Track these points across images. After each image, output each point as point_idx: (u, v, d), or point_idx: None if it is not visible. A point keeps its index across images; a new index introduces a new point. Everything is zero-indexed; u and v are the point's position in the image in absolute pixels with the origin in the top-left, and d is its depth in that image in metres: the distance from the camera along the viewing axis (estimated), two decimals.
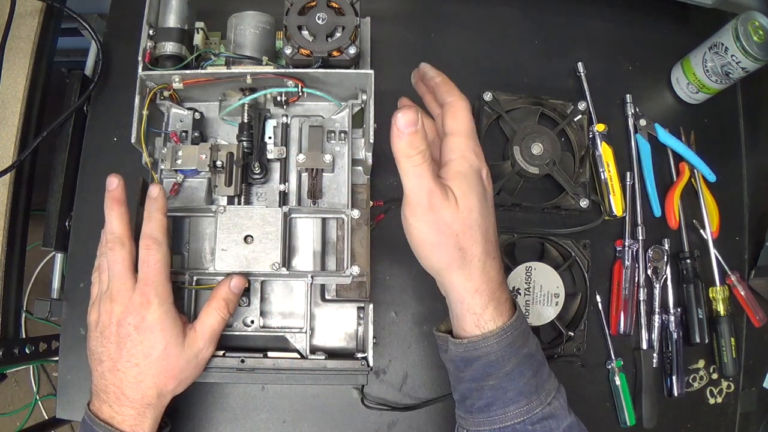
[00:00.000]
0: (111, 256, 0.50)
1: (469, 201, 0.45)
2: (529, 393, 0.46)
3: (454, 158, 0.46)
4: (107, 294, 0.50)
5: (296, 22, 0.53)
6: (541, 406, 0.46)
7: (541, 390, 0.47)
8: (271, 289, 0.59)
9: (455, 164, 0.46)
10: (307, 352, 0.56)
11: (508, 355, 0.45)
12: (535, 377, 0.47)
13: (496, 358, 0.46)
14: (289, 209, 0.55)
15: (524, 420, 0.46)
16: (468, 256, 0.45)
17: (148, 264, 0.49)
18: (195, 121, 0.58)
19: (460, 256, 0.45)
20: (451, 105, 0.48)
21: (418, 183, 0.44)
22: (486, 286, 0.46)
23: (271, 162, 0.59)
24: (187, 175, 0.58)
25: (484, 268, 0.46)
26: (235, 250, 0.53)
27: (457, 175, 0.45)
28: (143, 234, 0.50)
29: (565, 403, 0.48)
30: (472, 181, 0.46)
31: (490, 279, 0.46)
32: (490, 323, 0.46)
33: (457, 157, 0.46)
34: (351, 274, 0.55)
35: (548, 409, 0.46)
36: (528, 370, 0.46)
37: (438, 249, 0.46)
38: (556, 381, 0.49)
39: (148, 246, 0.49)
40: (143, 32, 0.56)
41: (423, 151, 0.43)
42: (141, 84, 0.55)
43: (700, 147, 0.74)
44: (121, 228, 0.50)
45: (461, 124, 0.47)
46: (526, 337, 0.47)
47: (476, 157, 0.47)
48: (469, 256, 0.46)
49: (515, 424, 0.46)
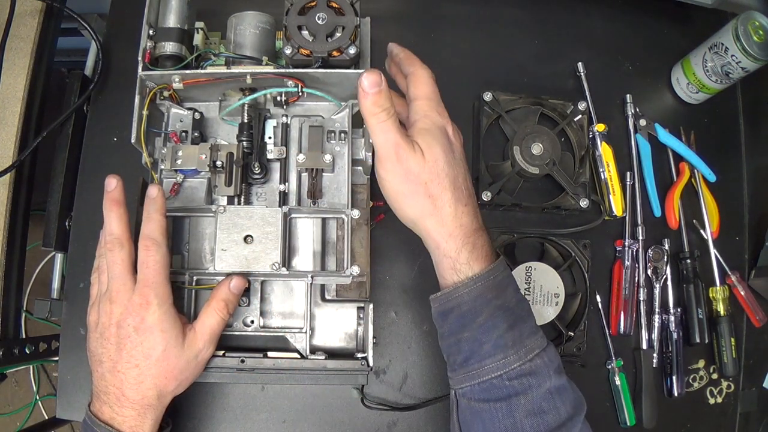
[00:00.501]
0: (110, 257, 0.50)
1: (434, 151, 0.48)
2: (505, 347, 0.46)
3: (418, 118, 0.50)
4: (107, 295, 0.50)
5: (296, 22, 0.53)
6: (519, 361, 0.46)
7: (519, 345, 0.46)
8: (271, 289, 0.59)
9: (419, 123, 0.50)
10: (307, 352, 0.56)
11: (479, 306, 0.47)
12: (511, 331, 0.46)
13: (468, 308, 0.47)
14: (289, 209, 0.55)
15: (501, 375, 0.46)
16: (438, 203, 0.48)
17: (147, 265, 0.49)
18: (195, 121, 0.58)
19: (430, 203, 0.48)
20: (413, 74, 0.52)
21: (385, 138, 0.47)
22: (459, 230, 0.48)
23: (271, 162, 0.59)
24: (187, 175, 0.58)
25: (456, 213, 0.48)
26: (235, 250, 0.53)
27: (422, 131, 0.49)
28: (142, 235, 0.50)
29: (554, 365, 0.48)
30: (436, 134, 0.49)
31: (463, 224, 0.48)
32: (466, 267, 0.48)
33: (421, 117, 0.50)
34: (351, 274, 0.55)
35: (528, 366, 0.46)
36: (502, 323, 0.46)
37: (409, 198, 0.48)
38: (543, 340, 0.48)
39: (147, 247, 0.49)
40: (143, 32, 0.56)
41: (387, 109, 0.47)
42: (141, 84, 0.55)
43: (700, 147, 0.74)
44: (120, 229, 0.50)
45: (423, 89, 0.51)
46: (502, 289, 0.48)
47: (439, 115, 0.50)
48: (439, 203, 0.48)
49: (492, 378, 0.46)
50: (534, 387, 0.46)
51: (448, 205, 0.48)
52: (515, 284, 0.50)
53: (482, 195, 0.66)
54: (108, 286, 0.50)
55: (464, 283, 0.47)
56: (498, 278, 0.48)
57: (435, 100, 0.51)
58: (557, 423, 0.46)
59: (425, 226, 0.49)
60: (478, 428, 0.47)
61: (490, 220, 0.69)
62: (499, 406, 0.46)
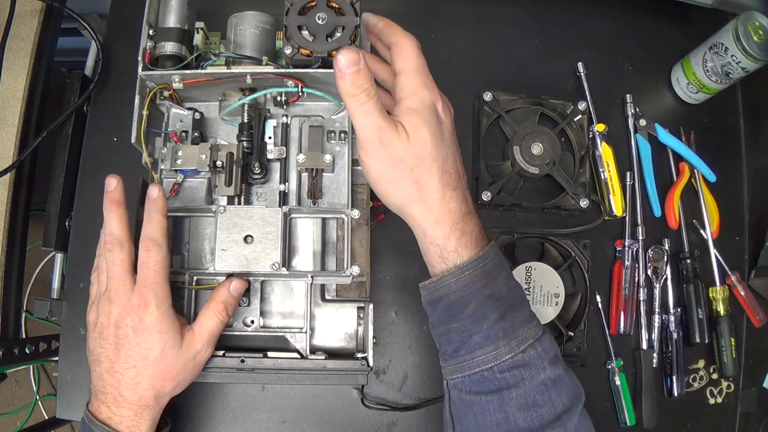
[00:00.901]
0: (110, 258, 0.50)
1: (421, 134, 0.45)
2: (496, 338, 0.44)
3: (405, 96, 0.47)
4: (105, 295, 0.50)
5: (296, 22, 0.53)
6: (511, 353, 0.44)
7: (511, 336, 0.45)
8: (271, 289, 0.59)
9: (406, 101, 0.46)
10: (307, 352, 0.56)
11: (468, 296, 0.45)
12: (503, 321, 0.45)
13: (456, 298, 0.45)
14: (289, 209, 0.55)
15: (492, 367, 0.44)
16: (425, 188, 0.46)
17: (147, 266, 0.49)
18: (195, 121, 0.58)
19: (416, 189, 0.46)
20: (396, 45, 0.48)
21: (366, 121, 0.44)
22: (447, 216, 0.46)
23: (271, 162, 0.59)
24: (187, 175, 0.58)
25: (443, 199, 0.46)
26: (235, 250, 0.53)
27: (408, 111, 0.46)
28: (143, 235, 0.50)
29: (549, 355, 0.46)
30: (424, 114, 0.46)
31: (451, 210, 0.46)
32: (454, 255, 0.46)
33: (408, 95, 0.47)
34: (351, 274, 0.55)
35: (521, 357, 0.44)
36: (492, 313, 0.45)
37: (394, 184, 0.46)
38: (538, 329, 0.46)
39: (147, 248, 0.49)
40: (143, 32, 0.55)
41: (367, 89, 0.43)
42: (141, 84, 0.54)
43: (700, 147, 0.74)
44: (120, 229, 0.50)
45: (408, 61, 0.47)
46: (492, 277, 0.46)
47: (427, 91, 0.47)
48: (426, 189, 0.46)
49: (483, 370, 0.45)
50: (527, 379, 0.44)
51: (435, 191, 0.46)
52: (507, 270, 0.48)
53: (482, 195, 0.66)
54: (107, 285, 0.50)
55: (452, 272, 0.45)
56: (488, 266, 0.46)
57: (422, 72, 0.47)
58: (553, 416, 0.44)
59: (411, 212, 0.46)
60: (470, 420, 0.46)
61: (490, 220, 0.69)
62: (490, 399, 0.44)
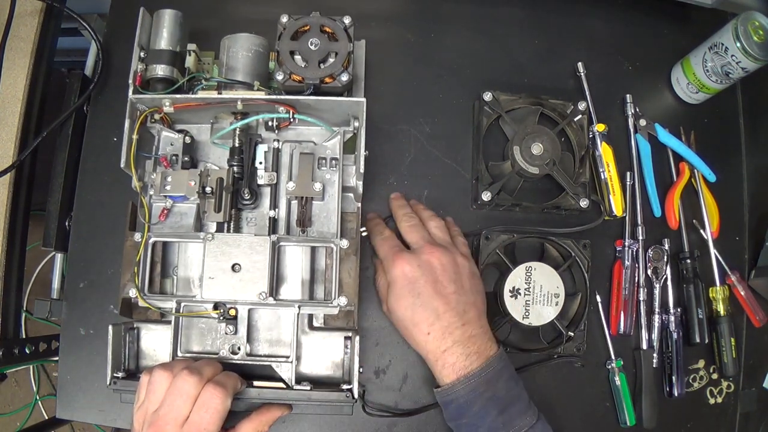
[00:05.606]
0: (180, 383, 0.47)
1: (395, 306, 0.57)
2: (497, 429, 0.54)
3: None
4: (154, 417, 0.47)
5: (288, 48, 0.52)
6: None
7: (509, 426, 0.54)
8: (259, 317, 0.58)
9: None
10: (292, 382, 0.54)
11: (473, 399, 0.54)
12: (502, 415, 0.54)
13: (464, 401, 0.54)
14: (277, 238, 0.55)
15: None
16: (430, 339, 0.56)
17: (207, 409, 0.47)
18: (185, 145, 0.58)
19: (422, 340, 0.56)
20: None
21: None
22: (450, 356, 0.55)
23: (261, 187, 0.58)
24: (176, 201, 0.57)
25: (444, 336, 0.55)
26: (223, 279, 0.53)
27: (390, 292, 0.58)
28: (219, 378, 0.49)
29: None
30: (398, 292, 0.57)
31: (455, 340, 0.55)
32: (462, 370, 0.54)
33: None
34: (338, 305, 0.55)
35: None
36: (493, 410, 0.53)
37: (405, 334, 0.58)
38: (533, 418, 0.55)
39: (216, 393, 0.48)
40: (134, 54, 0.55)
41: None
42: (131, 107, 0.54)
43: (700, 147, 0.74)
44: (212, 373, 0.50)
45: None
46: (493, 383, 0.54)
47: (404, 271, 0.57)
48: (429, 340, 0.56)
49: None
50: None
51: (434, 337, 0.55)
52: (508, 371, 0.56)
53: (482, 195, 0.66)
54: (159, 409, 0.48)
55: (460, 381, 0.54)
56: (489, 375, 0.54)
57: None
58: None
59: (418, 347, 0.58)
60: None
61: (490, 220, 0.69)
62: None
